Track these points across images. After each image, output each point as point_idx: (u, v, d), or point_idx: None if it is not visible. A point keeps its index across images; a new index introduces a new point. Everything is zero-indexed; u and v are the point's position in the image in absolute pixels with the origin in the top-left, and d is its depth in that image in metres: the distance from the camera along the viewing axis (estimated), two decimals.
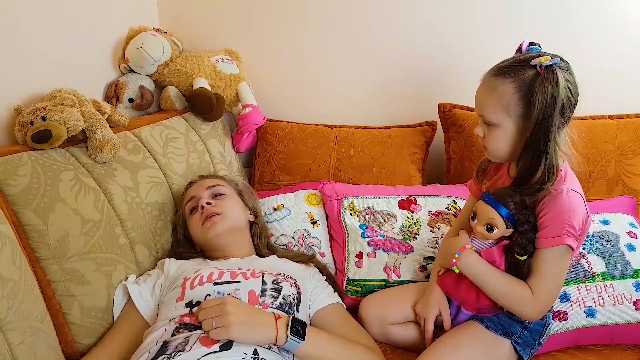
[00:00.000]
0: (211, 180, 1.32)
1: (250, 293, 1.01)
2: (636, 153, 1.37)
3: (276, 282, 1.06)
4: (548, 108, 0.93)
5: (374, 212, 1.36)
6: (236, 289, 1.02)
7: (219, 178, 1.36)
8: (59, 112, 1.14)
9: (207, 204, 1.22)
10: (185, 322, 0.97)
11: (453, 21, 1.56)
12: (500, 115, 0.98)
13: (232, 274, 1.07)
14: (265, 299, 1.01)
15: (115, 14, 1.50)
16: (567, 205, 0.97)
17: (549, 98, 0.92)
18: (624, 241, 1.23)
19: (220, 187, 1.29)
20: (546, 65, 0.93)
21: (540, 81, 0.93)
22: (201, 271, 1.09)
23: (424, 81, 1.61)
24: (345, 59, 1.65)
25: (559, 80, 0.92)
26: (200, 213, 1.21)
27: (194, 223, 1.23)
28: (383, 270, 1.28)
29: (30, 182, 1.05)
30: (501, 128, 0.99)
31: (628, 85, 1.53)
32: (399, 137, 1.54)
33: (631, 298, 1.13)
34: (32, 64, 1.21)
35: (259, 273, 1.08)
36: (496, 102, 0.98)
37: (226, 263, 1.18)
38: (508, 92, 0.96)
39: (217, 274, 1.07)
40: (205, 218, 1.20)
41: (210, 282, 1.04)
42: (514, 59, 0.99)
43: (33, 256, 1.04)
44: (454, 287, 1.08)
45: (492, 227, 1.03)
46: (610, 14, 1.48)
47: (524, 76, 0.95)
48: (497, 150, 1.03)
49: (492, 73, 1.00)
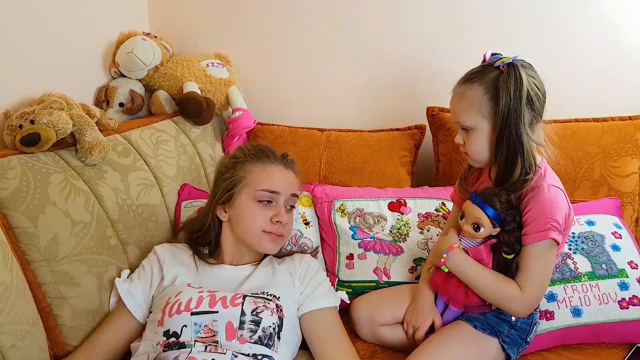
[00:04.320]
0: (297, 184, 1.19)
1: (228, 325, 0.97)
2: (620, 155, 1.40)
3: (256, 312, 0.99)
4: (514, 100, 0.98)
5: (364, 214, 1.37)
6: (214, 320, 0.98)
7: (299, 184, 1.21)
8: (48, 116, 1.14)
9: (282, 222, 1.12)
10: (169, 343, 0.97)
11: (440, 27, 1.58)
12: (474, 118, 1.02)
13: (211, 301, 1.01)
14: (244, 332, 0.97)
15: (105, 19, 1.50)
16: (549, 200, 1.00)
17: (513, 91, 0.97)
18: (609, 241, 1.25)
19: (296, 200, 1.19)
20: (507, 63, 0.99)
21: (504, 77, 0.98)
22: (181, 296, 1.03)
23: (413, 85, 1.63)
24: (335, 63, 1.66)
25: (521, 74, 0.98)
26: (275, 222, 1.11)
27: (259, 218, 1.11)
28: (373, 272, 1.29)
29: (19, 184, 1.05)
30: (478, 130, 1.03)
31: (612, 88, 1.55)
32: (389, 140, 1.55)
33: (616, 297, 1.15)
34: (21, 69, 1.21)
35: (239, 298, 1.01)
36: (468, 106, 1.02)
37: (215, 275, 1.13)
38: (478, 94, 1.01)
39: (196, 299, 1.01)
40: (276, 232, 1.12)
41: (187, 312, 0.99)
42: (479, 66, 1.05)
43: (23, 259, 1.04)
44: (443, 285, 1.10)
45: (479, 226, 1.05)
46: (593, 18, 1.51)
47: (490, 77, 1.01)
48: (478, 153, 1.05)
49: (460, 82, 1.06)
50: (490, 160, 1.06)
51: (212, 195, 1.19)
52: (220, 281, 1.11)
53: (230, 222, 1.16)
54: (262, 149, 1.18)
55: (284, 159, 1.17)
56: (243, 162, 1.15)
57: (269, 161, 1.15)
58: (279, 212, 1.12)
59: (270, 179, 1.13)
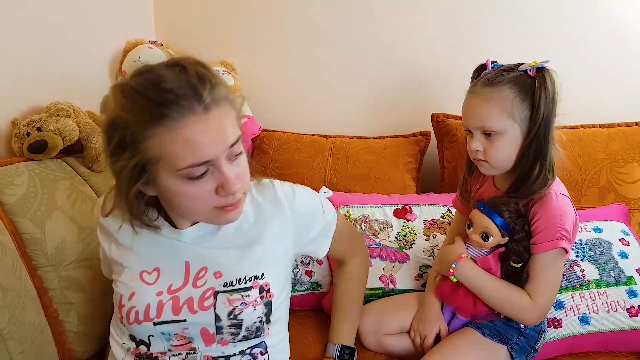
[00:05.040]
0: (230, 125, 0.77)
1: (203, 332, 0.83)
2: (627, 161, 1.39)
3: (234, 315, 0.83)
4: (550, 106, 0.96)
5: (369, 221, 1.37)
6: (184, 328, 0.83)
7: (234, 121, 0.79)
8: (55, 123, 1.15)
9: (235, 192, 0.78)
10: (141, 354, 0.87)
11: (444, 33, 1.58)
12: (505, 122, 0.98)
13: (174, 307, 0.83)
14: (224, 336, 0.84)
15: (112, 27, 1.52)
16: (558, 208, 0.99)
17: (551, 97, 0.96)
18: (616, 248, 1.24)
19: (239, 145, 0.79)
20: (538, 67, 0.97)
21: (540, 82, 0.96)
22: (136, 301, 0.84)
23: (418, 92, 1.63)
24: (339, 70, 1.67)
25: (555, 79, 0.96)
26: (225, 196, 0.77)
27: (200, 199, 0.77)
28: (380, 279, 1.28)
29: (27, 191, 1.06)
30: (507, 135, 0.98)
31: (618, 94, 1.55)
32: (394, 146, 1.55)
33: (625, 305, 1.14)
34: (29, 78, 1.22)
35: (209, 298, 0.83)
36: (499, 109, 0.98)
37: (173, 243, 0.87)
38: (509, 96, 0.97)
39: (155, 307, 0.83)
40: (229, 204, 0.79)
41: (148, 322, 0.83)
42: (497, 70, 1.01)
43: (30, 264, 1.05)
44: (451, 294, 1.09)
45: (487, 235, 1.04)
46: (600, 24, 1.51)
47: (519, 80, 0.98)
48: (503, 160, 1.01)
49: (481, 85, 1.00)
50: (510, 166, 1.02)
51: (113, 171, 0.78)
52: (182, 246, 0.87)
53: (163, 199, 0.82)
54: (157, 97, 0.71)
55: (201, 100, 0.72)
56: (136, 132, 0.72)
57: (179, 116, 0.71)
58: (223, 180, 0.76)
59: (190, 148, 0.72)
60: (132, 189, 0.77)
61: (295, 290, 1.32)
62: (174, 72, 0.73)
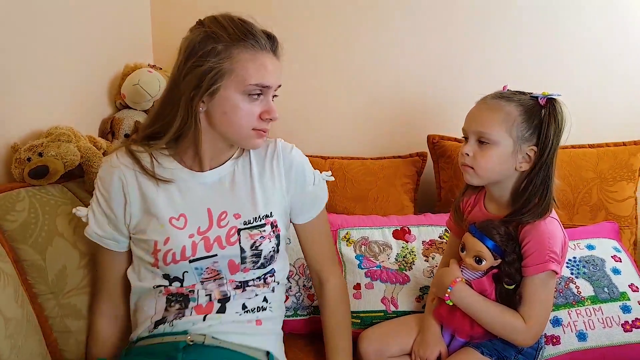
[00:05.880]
0: (281, 71, 1.01)
1: (230, 263, 1.00)
2: (616, 180, 1.43)
3: (255, 247, 1.01)
4: (557, 137, 1.00)
5: (369, 242, 1.38)
6: (214, 262, 1.00)
7: (281, 56, 1.02)
8: (56, 148, 1.15)
9: None
10: (172, 293, 1.01)
11: (440, 57, 1.62)
12: (502, 134, 1.02)
13: (206, 245, 0.99)
14: (247, 265, 1.01)
15: (111, 52, 1.52)
16: (547, 232, 1.02)
17: (560, 127, 1.00)
18: (609, 265, 1.27)
19: (279, 87, 1.02)
20: (549, 97, 1.01)
21: (549, 112, 1.01)
22: (172, 244, 0.98)
23: (414, 114, 1.67)
24: (337, 92, 1.69)
25: (564, 111, 1.01)
26: (266, 119, 0.98)
27: (250, 116, 0.96)
28: (381, 302, 1.28)
29: (28, 217, 1.05)
30: (498, 147, 1.02)
31: (606, 115, 1.60)
32: (391, 167, 1.57)
33: (619, 320, 1.16)
34: (29, 102, 1.21)
35: (234, 234, 1.00)
36: (501, 120, 1.02)
37: (194, 187, 1.02)
38: (514, 113, 1.02)
39: (190, 247, 0.98)
40: (264, 129, 0.99)
41: (184, 260, 0.99)
42: (511, 91, 1.07)
43: (31, 292, 1.03)
44: (448, 317, 1.10)
45: (480, 259, 1.06)
46: (587, 47, 1.57)
47: (528, 104, 1.03)
48: (487, 170, 1.04)
49: (493, 96, 1.06)
50: (492, 179, 1.07)
51: (182, 82, 0.93)
52: (202, 193, 1.02)
53: (209, 116, 0.97)
54: (248, 29, 0.95)
55: (273, 45, 0.98)
56: (228, 46, 0.93)
57: (259, 47, 0.95)
58: (269, 108, 0.97)
59: (262, 71, 0.95)
60: (198, 95, 0.92)
61: (298, 314, 1.31)
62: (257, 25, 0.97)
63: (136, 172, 1.02)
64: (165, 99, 0.98)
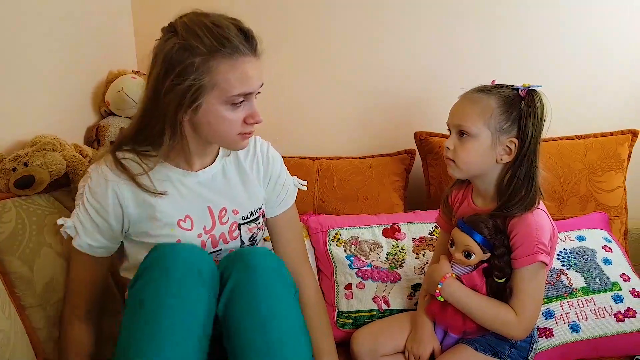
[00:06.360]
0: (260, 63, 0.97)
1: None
2: (605, 170, 1.44)
3: (252, 238, 1.12)
4: (537, 128, 1.00)
5: (359, 242, 1.38)
6: (218, 254, 1.07)
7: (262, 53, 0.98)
8: (41, 157, 1.14)
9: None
10: None
11: (426, 55, 1.63)
12: (479, 126, 1.03)
13: (212, 243, 1.06)
14: None
15: (94, 59, 1.52)
16: (534, 223, 1.02)
17: (539, 118, 1.00)
18: (600, 255, 1.28)
19: None
20: (529, 89, 1.02)
21: (527, 103, 1.01)
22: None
23: (400, 111, 1.67)
24: (324, 92, 1.69)
25: (544, 102, 1.01)
26: (250, 124, 0.98)
27: (235, 124, 0.96)
28: (373, 301, 1.28)
29: (15, 227, 1.04)
30: (477, 140, 1.03)
31: (593, 106, 1.61)
32: (380, 166, 1.57)
33: (611, 310, 1.17)
34: (12, 112, 1.20)
35: (235, 230, 1.08)
36: (479, 112, 1.03)
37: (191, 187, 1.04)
38: (491, 105, 1.02)
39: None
40: (250, 132, 0.99)
41: None
42: (494, 84, 1.08)
43: (19, 304, 1.02)
44: (440, 313, 1.11)
45: (469, 253, 1.06)
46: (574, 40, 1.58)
47: (507, 95, 1.03)
48: (467, 162, 1.05)
49: (474, 90, 1.07)
50: (473, 172, 1.07)
51: (164, 98, 0.91)
52: (200, 192, 1.05)
53: (193, 126, 0.97)
54: (223, 35, 0.90)
55: (251, 46, 0.94)
56: (205, 59, 0.89)
57: (238, 53, 0.91)
58: (253, 111, 0.97)
59: (244, 79, 0.92)
60: (182, 110, 0.92)
61: None
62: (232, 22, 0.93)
63: (130, 182, 1.00)
64: (147, 111, 0.96)
